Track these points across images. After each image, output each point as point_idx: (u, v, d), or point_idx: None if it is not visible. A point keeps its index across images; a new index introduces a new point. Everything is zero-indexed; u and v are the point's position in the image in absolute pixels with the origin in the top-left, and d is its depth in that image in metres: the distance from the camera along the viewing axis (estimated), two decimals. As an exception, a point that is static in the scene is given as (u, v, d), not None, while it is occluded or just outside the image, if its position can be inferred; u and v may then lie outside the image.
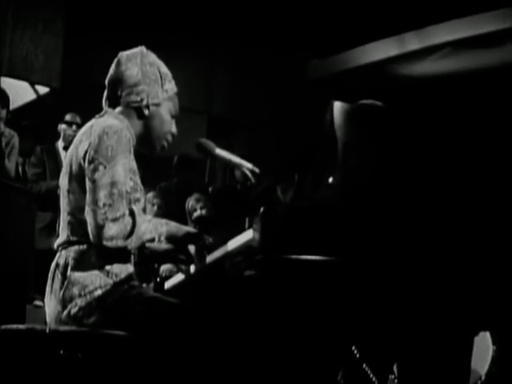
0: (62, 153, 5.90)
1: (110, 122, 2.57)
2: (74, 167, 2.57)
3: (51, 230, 5.36)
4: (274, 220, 1.88)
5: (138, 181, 2.62)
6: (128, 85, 2.64)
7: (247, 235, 2.07)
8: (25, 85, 7.14)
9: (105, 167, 2.47)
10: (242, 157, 7.47)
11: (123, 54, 2.69)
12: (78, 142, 2.60)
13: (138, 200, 2.59)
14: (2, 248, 4.52)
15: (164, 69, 2.71)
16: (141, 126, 2.68)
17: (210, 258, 2.51)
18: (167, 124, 2.71)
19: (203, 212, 5.62)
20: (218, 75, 8.75)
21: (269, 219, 1.88)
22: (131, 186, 2.56)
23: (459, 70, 2.13)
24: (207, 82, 8.63)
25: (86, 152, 2.52)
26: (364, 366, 2.46)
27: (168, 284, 3.08)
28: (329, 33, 8.05)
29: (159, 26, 7.03)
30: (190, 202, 5.68)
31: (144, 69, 2.65)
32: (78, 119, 5.93)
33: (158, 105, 2.67)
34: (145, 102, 2.65)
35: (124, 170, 2.51)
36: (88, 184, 2.49)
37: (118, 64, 2.68)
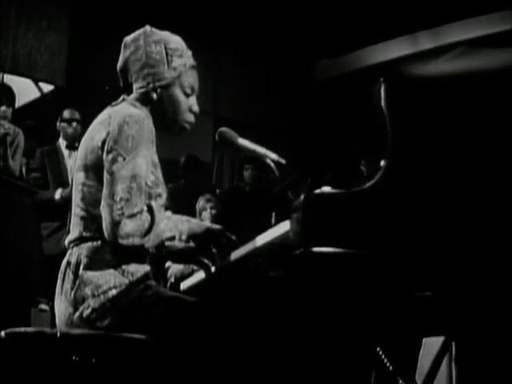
0: (65, 152, 5.70)
1: (131, 111, 2.39)
2: (89, 158, 2.39)
3: (59, 235, 5.21)
4: (319, 208, 1.68)
5: (160, 175, 2.45)
6: (134, 70, 2.47)
7: (282, 228, 1.88)
8: (28, 83, 6.99)
9: (124, 159, 2.30)
10: (251, 158, 7.35)
11: (127, 38, 2.52)
12: (93, 132, 2.42)
13: (159, 195, 2.42)
14: (6, 248, 4.35)
15: (174, 44, 2.49)
16: (154, 111, 2.49)
17: (234, 256, 2.32)
18: (182, 104, 2.50)
19: (213, 212, 5.49)
20: (224, 76, 8.62)
21: (313, 207, 1.68)
22: (152, 180, 2.40)
23: (472, 69, 2.04)
24: (214, 82, 8.49)
25: (104, 141, 2.35)
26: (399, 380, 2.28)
27: (185, 284, 2.91)
28: (339, 30, 7.93)
29: (164, 25, 6.89)
30: (201, 202, 5.56)
31: (148, 49, 2.45)
32: (76, 115, 5.70)
33: (166, 86, 2.47)
34: (151, 86, 2.46)
35: (145, 162, 2.33)
36: (105, 176, 2.31)
37: (124, 49, 2.51)
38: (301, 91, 8.06)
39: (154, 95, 2.47)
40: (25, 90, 6.88)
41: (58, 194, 5.38)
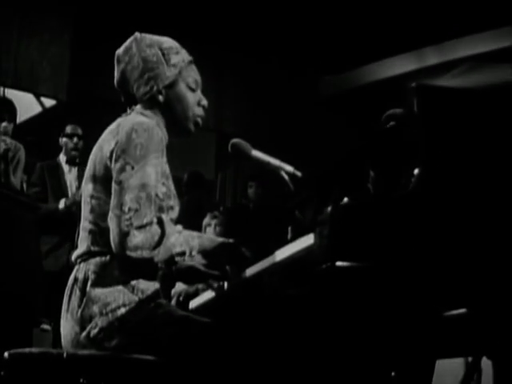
0: (65, 167, 5.62)
1: (140, 119, 2.30)
2: (98, 169, 2.29)
3: (58, 252, 5.13)
4: (347, 220, 1.57)
5: (172, 186, 2.34)
6: (134, 79, 2.37)
7: (304, 242, 1.77)
8: (30, 97, 6.90)
9: (132, 168, 2.19)
10: (254, 176, 7.24)
11: (119, 51, 2.42)
12: (102, 142, 2.32)
13: (171, 208, 2.31)
14: (7, 265, 4.23)
15: (167, 44, 2.41)
16: (164, 116, 2.40)
17: (250, 272, 2.21)
18: (190, 99, 2.41)
19: (218, 229, 5.38)
20: (227, 93, 8.54)
21: (341, 219, 1.56)
22: (163, 191, 2.28)
23: (479, 85, 1.94)
24: (216, 99, 8.41)
25: (112, 151, 2.25)
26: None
27: (194, 303, 2.80)
28: (341, 50, 7.87)
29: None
30: (206, 218, 5.46)
31: (143, 55, 2.36)
32: (79, 131, 5.65)
33: (170, 85, 2.38)
34: (155, 89, 2.36)
35: (155, 172, 2.23)
36: (114, 186, 2.21)
37: (118, 62, 2.41)
38: (304, 108, 7.99)
39: (161, 97, 2.38)
40: (26, 105, 6.80)
41: (61, 204, 5.32)
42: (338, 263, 1.56)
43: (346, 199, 1.71)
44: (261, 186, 6.88)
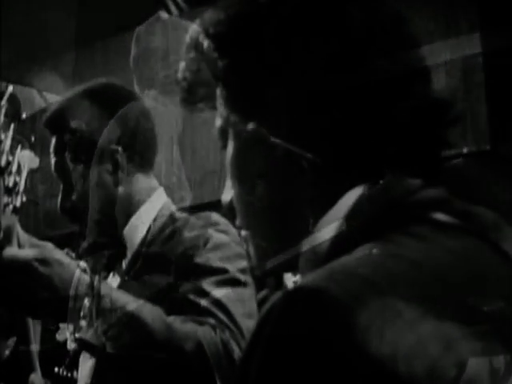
0: (70, 165, 5.56)
1: (150, 104, 2.20)
2: (104, 155, 2.18)
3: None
4: (381, 208, 1.44)
5: (183, 177, 2.24)
6: (156, 60, 2.29)
7: (329, 231, 1.63)
8: (33, 93, 6.89)
9: (142, 157, 2.09)
10: (262, 173, 7.29)
11: (140, 29, 2.33)
12: (110, 127, 2.22)
13: (181, 199, 2.21)
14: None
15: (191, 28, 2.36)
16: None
17: (270, 264, 2.08)
18: None
19: (226, 227, 5.30)
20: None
21: (375, 207, 1.43)
22: (174, 181, 2.19)
23: None
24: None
25: (119, 136, 2.13)
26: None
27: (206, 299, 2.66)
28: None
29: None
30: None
31: (169, 36, 2.29)
32: (83, 126, 5.59)
33: None
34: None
35: (165, 160, 2.12)
36: (120, 174, 2.10)
37: (138, 41, 2.32)
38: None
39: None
40: (30, 100, 6.79)
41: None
42: (374, 250, 1.44)
43: (377, 186, 1.58)
44: (268, 184, 6.81)
